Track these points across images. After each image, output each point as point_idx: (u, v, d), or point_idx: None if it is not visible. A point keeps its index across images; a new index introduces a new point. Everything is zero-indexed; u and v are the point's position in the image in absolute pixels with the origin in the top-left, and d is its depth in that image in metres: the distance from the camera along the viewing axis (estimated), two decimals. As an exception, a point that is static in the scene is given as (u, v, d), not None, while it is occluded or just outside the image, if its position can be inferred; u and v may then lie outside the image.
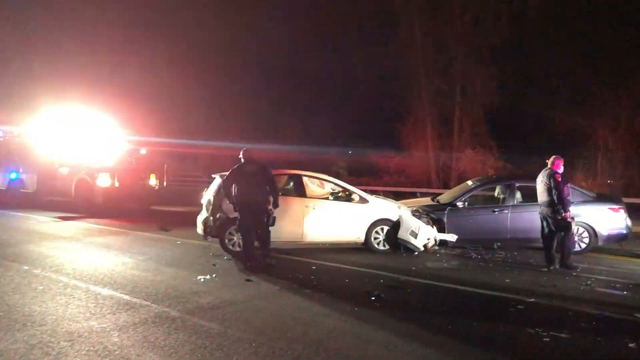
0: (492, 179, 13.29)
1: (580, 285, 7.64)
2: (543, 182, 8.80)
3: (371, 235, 9.92)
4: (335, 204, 10.02)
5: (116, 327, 5.15)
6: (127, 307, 5.86)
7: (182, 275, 7.58)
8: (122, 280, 7.18)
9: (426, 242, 9.91)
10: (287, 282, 7.31)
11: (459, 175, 26.96)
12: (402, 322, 5.61)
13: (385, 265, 8.73)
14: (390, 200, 11.02)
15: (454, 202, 10.94)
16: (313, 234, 9.68)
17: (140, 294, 6.42)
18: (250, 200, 8.37)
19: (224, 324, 5.33)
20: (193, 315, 5.61)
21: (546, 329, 5.37)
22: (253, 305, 6.08)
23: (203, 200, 9.81)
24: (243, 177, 8.44)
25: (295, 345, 4.77)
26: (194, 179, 30.79)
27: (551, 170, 8.78)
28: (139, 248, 9.83)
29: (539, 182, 8.93)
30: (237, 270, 8.15)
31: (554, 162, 8.85)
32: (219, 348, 4.66)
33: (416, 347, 4.83)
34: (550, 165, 8.87)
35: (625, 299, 6.90)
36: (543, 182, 8.80)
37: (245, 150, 8.70)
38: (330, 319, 5.63)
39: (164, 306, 5.93)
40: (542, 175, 8.90)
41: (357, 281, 7.52)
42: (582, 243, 10.42)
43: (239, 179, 8.44)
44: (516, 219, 10.65)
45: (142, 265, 8.27)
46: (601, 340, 5.14)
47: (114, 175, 15.87)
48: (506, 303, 6.50)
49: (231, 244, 9.30)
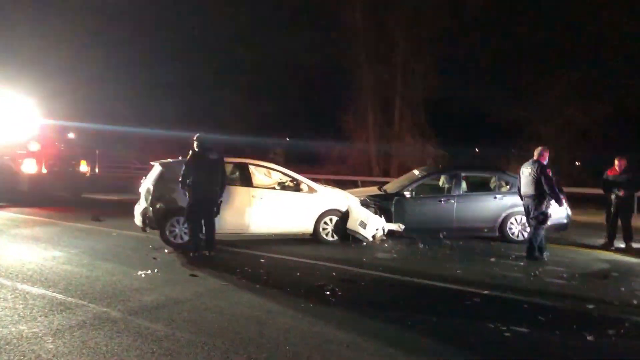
0: (438, 168, 13.32)
1: (529, 275, 7.68)
2: (531, 174, 8.71)
3: (320, 225, 9.67)
4: (283, 194, 9.67)
5: (50, 332, 4.62)
6: (62, 307, 5.31)
7: (121, 271, 7.04)
8: (53, 277, 6.56)
9: (375, 232, 9.78)
10: (235, 277, 6.93)
11: (400, 164, 27.21)
12: (361, 318, 5.38)
13: (335, 257, 8.49)
14: (339, 190, 10.78)
15: (401, 192, 10.85)
16: (260, 225, 9.31)
17: (75, 293, 5.87)
18: (208, 190, 8.07)
19: (172, 325, 4.90)
20: (136, 316, 5.15)
21: (505, 324, 5.27)
22: (201, 304, 5.66)
23: (141, 190, 9.22)
24: (204, 165, 8.09)
25: (250, 347, 4.43)
26: (128, 165, 29.64)
27: (539, 162, 8.70)
28: (70, 240, 9.14)
29: (526, 174, 8.86)
30: (180, 264, 7.68)
31: (541, 153, 8.79)
32: (168, 353, 4.25)
33: (379, 345, 4.59)
34: (537, 157, 8.80)
35: (574, 290, 6.95)
36: (531, 174, 8.71)
37: (203, 138, 8.25)
38: (285, 317, 5.31)
39: (102, 306, 5.42)
40: (529, 167, 8.80)
41: (309, 275, 7.22)
42: (526, 232, 10.56)
43: (200, 167, 8.07)
44: (462, 208, 10.71)
45: (75, 259, 7.65)
46: (560, 334, 5.09)
47: (41, 160, 14.84)
48: (462, 296, 6.39)
49: (172, 236, 8.79)
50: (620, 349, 4.81)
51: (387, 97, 29.17)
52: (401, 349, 4.53)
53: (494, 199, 10.76)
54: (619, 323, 5.47)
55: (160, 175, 8.98)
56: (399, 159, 27.90)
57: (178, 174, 8.71)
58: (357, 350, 4.48)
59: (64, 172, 15.49)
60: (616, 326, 5.34)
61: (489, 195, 10.90)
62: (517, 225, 10.61)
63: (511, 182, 10.94)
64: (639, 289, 7.01)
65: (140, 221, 8.95)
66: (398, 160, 27.87)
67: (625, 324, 5.44)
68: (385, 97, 29.25)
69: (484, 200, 10.80)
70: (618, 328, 5.29)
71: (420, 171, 12.22)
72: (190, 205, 8.10)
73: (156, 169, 9.23)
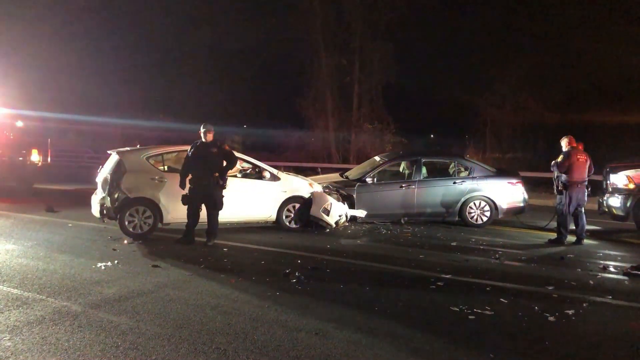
0: (399, 154, 13.43)
1: (489, 259, 7.84)
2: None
3: (283, 213, 9.62)
4: (245, 182, 9.56)
5: (7, 329, 4.43)
6: (18, 303, 5.11)
7: (79, 263, 6.82)
8: (8, 271, 6.31)
9: (338, 218, 9.79)
10: (198, 266, 6.81)
11: (358, 150, 27.35)
12: (328, 305, 5.36)
13: (299, 244, 8.46)
14: (301, 177, 10.73)
15: (363, 178, 10.90)
16: (222, 214, 9.15)
17: (32, 287, 5.66)
18: (205, 183, 8.16)
19: (136, 318, 4.78)
20: (98, 309, 5.00)
21: (470, 307, 5.38)
22: (165, 295, 5.54)
23: (98, 179, 8.95)
24: (201, 158, 8.19)
25: (219, 338, 4.36)
26: (81, 154, 28.78)
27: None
28: (24, 232, 8.80)
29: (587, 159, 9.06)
30: (141, 254, 7.49)
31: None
32: (134, 347, 4.14)
33: (347, 333, 4.59)
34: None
35: (533, 271, 7.16)
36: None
37: (205, 130, 8.29)
38: (252, 306, 5.25)
39: (62, 300, 5.24)
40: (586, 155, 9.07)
41: (274, 263, 7.17)
42: (484, 216, 10.81)
43: (197, 160, 8.20)
44: (422, 193, 10.85)
45: (31, 252, 7.37)
46: (523, 315, 5.22)
47: (-11, 150, 14.21)
48: (426, 280, 6.47)
49: (132, 226, 8.57)
50: (581, 328, 4.96)
51: (345, 83, 29.19)
52: (368, 335, 4.55)
53: (454, 184, 10.93)
54: (578, 303, 5.65)
55: (118, 164, 8.73)
56: (357, 145, 28.02)
57: (135, 162, 8.55)
58: (325, 337, 4.47)
59: (14, 162, 14.88)
60: (575, 306, 5.51)
61: (449, 180, 11.06)
62: (476, 210, 10.82)
63: (470, 167, 11.14)
64: (594, 270, 7.26)
65: (98, 211, 8.69)
66: (357, 146, 27.99)
67: (583, 305, 5.62)
68: (344, 84, 29.26)
69: (444, 185, 10.96)
70: (577, 308, 5.46)
71: (381, 157, 12.30)
72: (187, 197, 8.17)
73: (113, 157, 8.98)
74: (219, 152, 8.29)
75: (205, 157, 8.17)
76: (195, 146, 8.32)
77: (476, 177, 10.97)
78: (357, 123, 28.52)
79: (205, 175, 8.10)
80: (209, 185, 8.12)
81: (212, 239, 8.26)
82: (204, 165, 8.14)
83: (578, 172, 8.89)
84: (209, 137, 8.29)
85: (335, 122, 29.05)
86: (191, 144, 8.50)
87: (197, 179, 8.14)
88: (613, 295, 6.05)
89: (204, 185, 8.11)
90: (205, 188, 8.13)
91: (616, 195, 10.30)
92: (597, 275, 6.98)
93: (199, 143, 8.33)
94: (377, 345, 4.37)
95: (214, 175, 8.13)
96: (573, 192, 8.90)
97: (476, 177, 10.96)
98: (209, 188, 8.14)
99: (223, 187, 8.27)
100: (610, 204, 10.39)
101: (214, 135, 8.38)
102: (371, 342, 4.41)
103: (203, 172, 8.12)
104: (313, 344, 4.32)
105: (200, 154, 8.20)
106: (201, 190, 8.14)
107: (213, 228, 8.29)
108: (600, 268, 7.40)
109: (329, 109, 28.98)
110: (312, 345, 4.29)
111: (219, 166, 8.24)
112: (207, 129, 8.28)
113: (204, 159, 8.16)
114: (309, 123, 29.65)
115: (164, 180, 8.77)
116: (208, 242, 8.20)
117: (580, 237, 9.11)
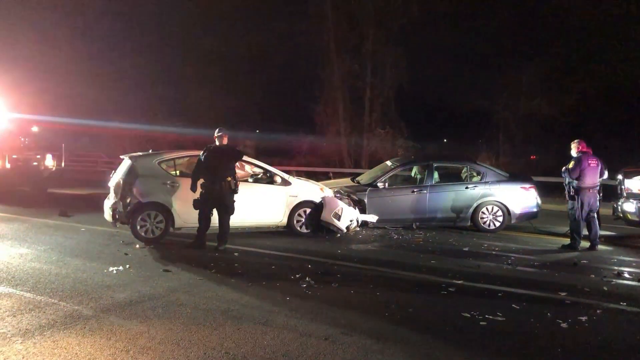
0: (411, 159, 13.36)
1: (502, 264, 7.77)
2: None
3: (294, 217, 9.61)
4: (256, 187, 9.56)
5: (19, 332, 4.47)
6: (30, 306, 5.15)
7: (91, 267, 6.87)
8: (21, 275, 6.37)
9: (349, 223, 9.77)
10: (209, 271, 6.84)
11: (370, 155, 27.32)
12: (338, 311, 5.34)
13: (310, 249, 8.46)
14: (312, 181, 10.73)
15: (375, 183, 10.87)
16: (233, 219, 9.16)
17: (44, 291, 5.71)
18: (216, 187, 8.16)
19: (146, 323, 4.80)
20: (109, 314, 5.03)
21: (481, 313, 5.33)
22: (176, 299, 5.56)
23: (111, 184, 9.01)
24: (212, 163, 8.23)
25: (228, 343, 4.37)
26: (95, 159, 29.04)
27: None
28: (38, 237, 8.89)
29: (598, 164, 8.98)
30: (153, 259, 7.53)
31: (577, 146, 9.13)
32: (144, 351, 4.16)
33: (357, 338, 4.57)
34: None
35: (546, 277, 7.08)
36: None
37: (219, 135, 8.40)
38: (262, 311, 5.25)
39: (74, 304, 5.28)
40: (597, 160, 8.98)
41: (285, 268, 7.16)
42: (497, 222, 10.72)
43: (208, 165, 8.24)
44: (434, 198, 10.78)
45: (44, 256, 7.44)
46: (535, 322, 5.16)
47: (4, 155, 14.37)
48: (437, 286, 6.43)
49: (144, 231, 8.61)
50: (594, 335, 4.89)
51: (357, 88, 29.17)
52: (378, 341, 4.52)
53: (466, 189, 10.86)
54: (591, 310, 5.58)
55: (131, 169, 8.79)
56: (369, 150, 27.98)
57: (148, 167, 8.60)
58: (335, 342, 4.45)
59: (28, 166, 15.05)
60: (588, 313, 5.45)
61: (461, 185, 10.98)
62: (488, 215, 10.73)
63: (482, 172, 11.06)
64: (608, 276, 7.16)
65: (110, 216, 8.74)
66: (369, 151, 27.95)
67: (596, 311, 5.55)
68: (356, 88, 29.24)
69: (456, 190, 10.88)
70: (590, 315, 5.39)
71: (392, 162, 12.26)
72: (199, 201, 8.21)
73: (126, 162, 9.04)
74: (231, 154, 8.33)
75: (217, 161, 8.19)
76: (208, 150, 8.36)
77: (489, 181, 10.89)
78: (369, 128, 28.46)
79: (217, 180, 8.13)
80: (221, 190, 8.14)
81: (223, 244, 8.28)
82: (215, 169, 8.17)
83: (589, 177, 8.81)
84: (224, 141, 8.33)
85: (348, 126, 29.00)
86: (201, 148, 8.56)
87: (209, 184, 8.17)
88: (627, 302, 5.97)
89: (216, 190, 8.13)
90: (217, 193, 8.15)
91: (631, 201, 10.15)
92: (611, 282, 6.89)
93: (212, 147, 8.36)
94: (387, 350, 4.34)
95: (226, 179, 8.15)
96: (585, 197, 8.82)
97: (489, 182, 10.88)
98: (221, 193, 8.16)
99: (235, 192, 8.29)
100: (625, 209, 10.25)
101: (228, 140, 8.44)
102: (381, 348, 4.39)
103: (215, 176, 8.14)
104: (323, 350, 4.30)
105: (213, 158, 8.23)
106: (213, 194, 8.16)
107: (224, 233, 8.31)
108: (615, 274, 7.30)
109: (340, 114, 28.95)
110: (322, 351, 4.28)
111: (231, 170, 8.27)
112: (222, 132, 8.33)
113: (216, 163, 8.19)
114: (321, 128, 29.64)
115: (175, 185, 8.81)
116: (219, 247, 8.22)
117: (594, 243, 9.01)
